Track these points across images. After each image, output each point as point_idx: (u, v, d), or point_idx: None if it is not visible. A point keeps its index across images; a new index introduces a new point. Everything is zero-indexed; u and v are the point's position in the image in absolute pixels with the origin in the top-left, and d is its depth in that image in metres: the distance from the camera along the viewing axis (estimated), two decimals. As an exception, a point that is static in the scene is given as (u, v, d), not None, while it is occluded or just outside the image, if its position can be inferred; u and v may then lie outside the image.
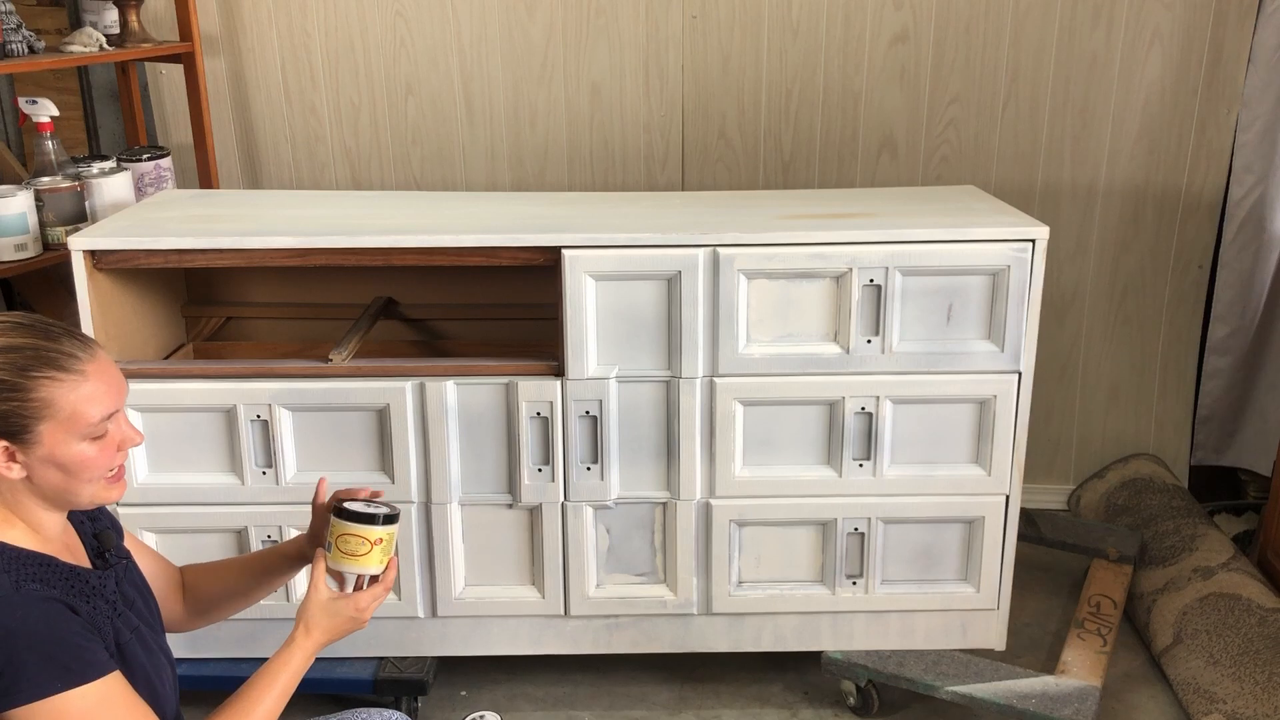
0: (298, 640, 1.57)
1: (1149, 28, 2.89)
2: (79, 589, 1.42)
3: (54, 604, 1.35)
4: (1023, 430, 2.27)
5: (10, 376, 1.34)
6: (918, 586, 2.38)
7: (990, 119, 2.98)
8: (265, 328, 2.63)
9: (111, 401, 1.41)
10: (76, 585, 1.42)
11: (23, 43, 2.52)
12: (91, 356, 1.40)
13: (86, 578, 1.44)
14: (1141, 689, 2.50)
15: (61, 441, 1.37)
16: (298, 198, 2.66)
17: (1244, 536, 3.03)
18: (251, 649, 2.36)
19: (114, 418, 1.42)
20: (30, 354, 1.36)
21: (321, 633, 1.59)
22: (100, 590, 1.45)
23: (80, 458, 1.38)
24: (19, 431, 1.35)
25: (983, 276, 2.19)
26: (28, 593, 1.34)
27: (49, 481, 1.39)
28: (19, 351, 1.35)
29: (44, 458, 1.37)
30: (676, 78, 2.99)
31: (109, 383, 1.41)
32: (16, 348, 1.36)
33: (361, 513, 1.58)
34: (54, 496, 1.41)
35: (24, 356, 1.35)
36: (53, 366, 1.36)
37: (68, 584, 1.41)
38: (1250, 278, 2.99)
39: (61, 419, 1.36)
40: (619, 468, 2.28)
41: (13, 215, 2.40)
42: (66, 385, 1.36)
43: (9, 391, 1.34)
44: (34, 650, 1.30)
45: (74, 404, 1.37)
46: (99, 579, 1.46)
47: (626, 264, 2.15)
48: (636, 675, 2.54)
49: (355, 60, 3.01)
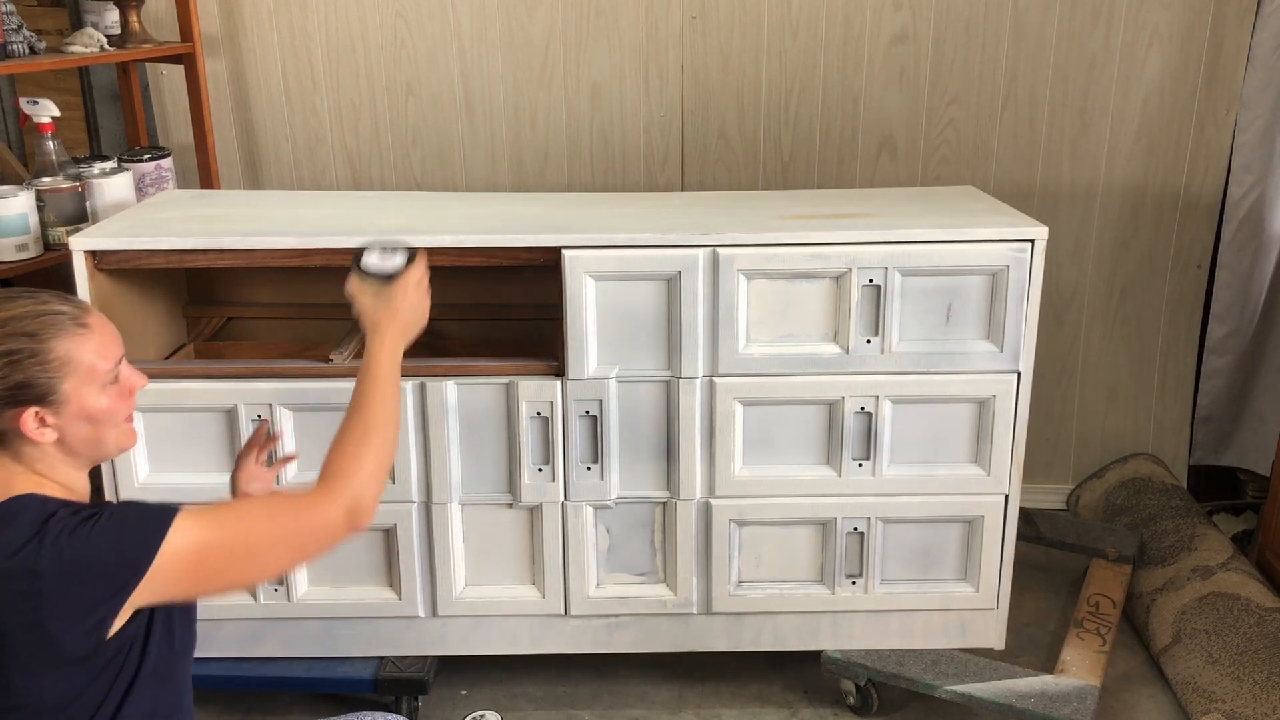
0: (371, 345, 1.65)
1: (1148, 28, 2.89)
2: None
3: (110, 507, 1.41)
4: (1022, 430, 2.27)
5: (23, 345, 1.39)
6: (917, 586, 2.38)
7: (989, 119, 2.99)
8: (266, 328, 2.63)
9: (117, 348, 1.48)
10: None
11: (24, 43, 2.53)
12: (86, 312, 1.47)
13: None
14: (1140, 688, 2.51)
15: (85, 394, 1.43)
16: (298, 198, 2.67)
17: (1243, 536, 3.04)
18: (252, 649, 2.37)
19: (121, 364, 1.49)
20: (33, 319, 1.41)
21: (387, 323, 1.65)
22: None
23: (105, 406, 1.45)
24: (46, 394, 1.40)
25: (982, 276, 2.19)
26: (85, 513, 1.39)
27: (80, 436, 1.45)
28: (21, 320, 1.40)
29: (73, 414, 1.42)
30: (676, 78, 2.99)
31: (110, 332, 1.48)
32: (18, 317, 1.40)
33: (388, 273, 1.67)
34: (84, 450, 1.47)
35: (29, 323, 1.40)
36: (60, 326, 1.42)
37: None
38: (1249, 278, 3.00)
39: (82, 373, 1.42)
40: (619, 468, 2.28)
41: (14, 215, 2.40)
42: (77, 340, 1.42)
43: (28, 358, 1.39)
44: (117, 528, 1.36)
45: (88, 357, 1.43)
46: None
47: (626, 264, 2.16)
48: (636, 675, 2.54)
49: (355, 61, 3.01)
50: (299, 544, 1.47)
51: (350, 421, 1.58)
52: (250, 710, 2.42)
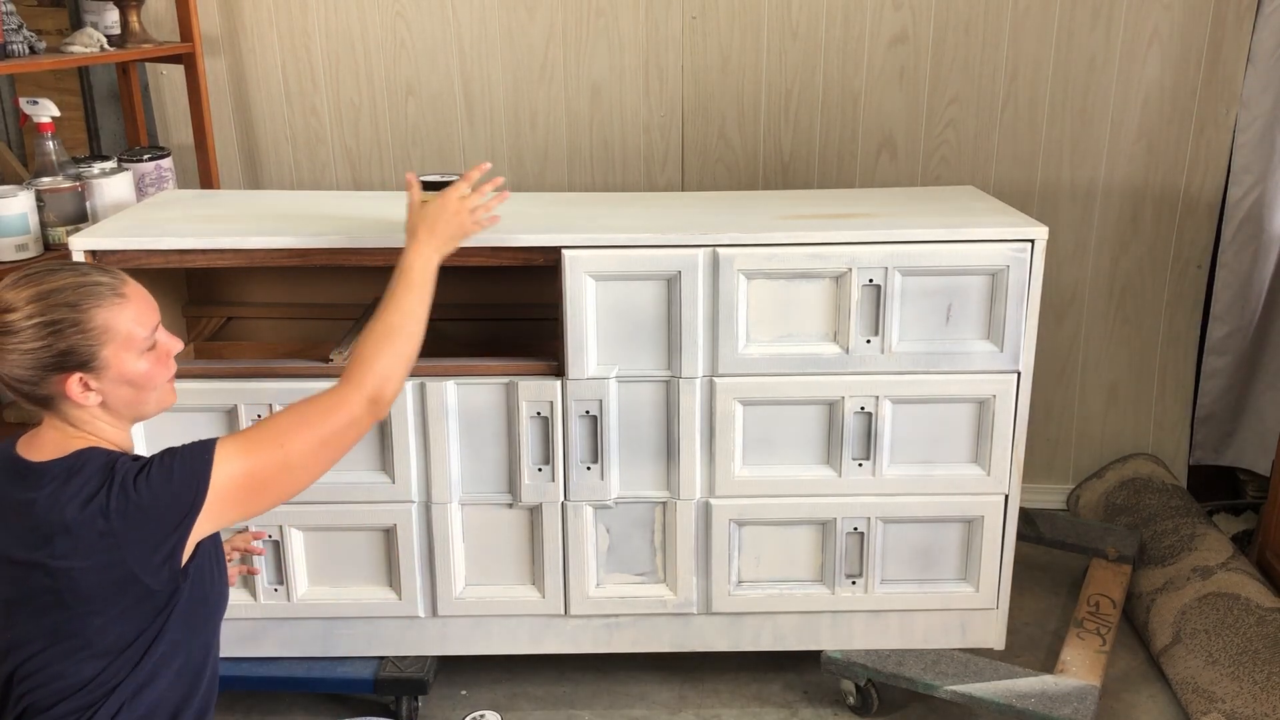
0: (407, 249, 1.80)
1: (1148, 28, 2.90)
2: None
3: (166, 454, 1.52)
4: (1022, 430, 2.27)
5: (66, 314, 1.47)
6: (917, 586, 2.38)
7: (989, 119, 2.99)
8: (266, 328, 2.63)
9: (153, 315, 1.56)
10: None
11: (24, 43, 2.53)
12: (124, 282, 1.54)
13: None
14: (1140, 688, 2.51)
15: (125, 360, 1.51)
16: (298, 198, 2.67)
17: (1243, 536, 3.04)
18: (251, 649, 2.37)
19: (157, 330, 1.56)
20: (74, 289, 1.49)
21: (423, 236, 1.82)
22: None
23: (145, 370, 1.54)
24: (88, 360, 1.49)
25: (982, 276, 2.19)
26: (141, 462, 1.50)
27: (122, 398, 1.53)
28: (63, 291, 1.48)
29: (115, 378, 1.51)
30: (676, 78, 2.99)
31: (146, 300, 1.56)
32: (60, 288, 1.48)
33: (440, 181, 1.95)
34: (127, 411, 1.56)
35: (71, 294, 1.48)
36: (98, 297, 1.50)
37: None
38: (1249, 278, 3.00)
39: (120, 340, 1.50)
40: (619, 467, 2.28)
41: (14, 215, 2.40)
42: (116, 309, 1.50)
43: (70, 326, 1.47)
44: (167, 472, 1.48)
45: (127, 324, 1.51)
46: None
47: (626, 264, 2.16)
48: (636, 675, 2.54)
49: (355, 60, 3.01)
50: (335, 443, 1.59)
51: (377, 319, 1.69)
52: (250, 710, 2.42)
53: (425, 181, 2.11)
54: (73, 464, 1.47)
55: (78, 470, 1.46)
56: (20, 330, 1.45)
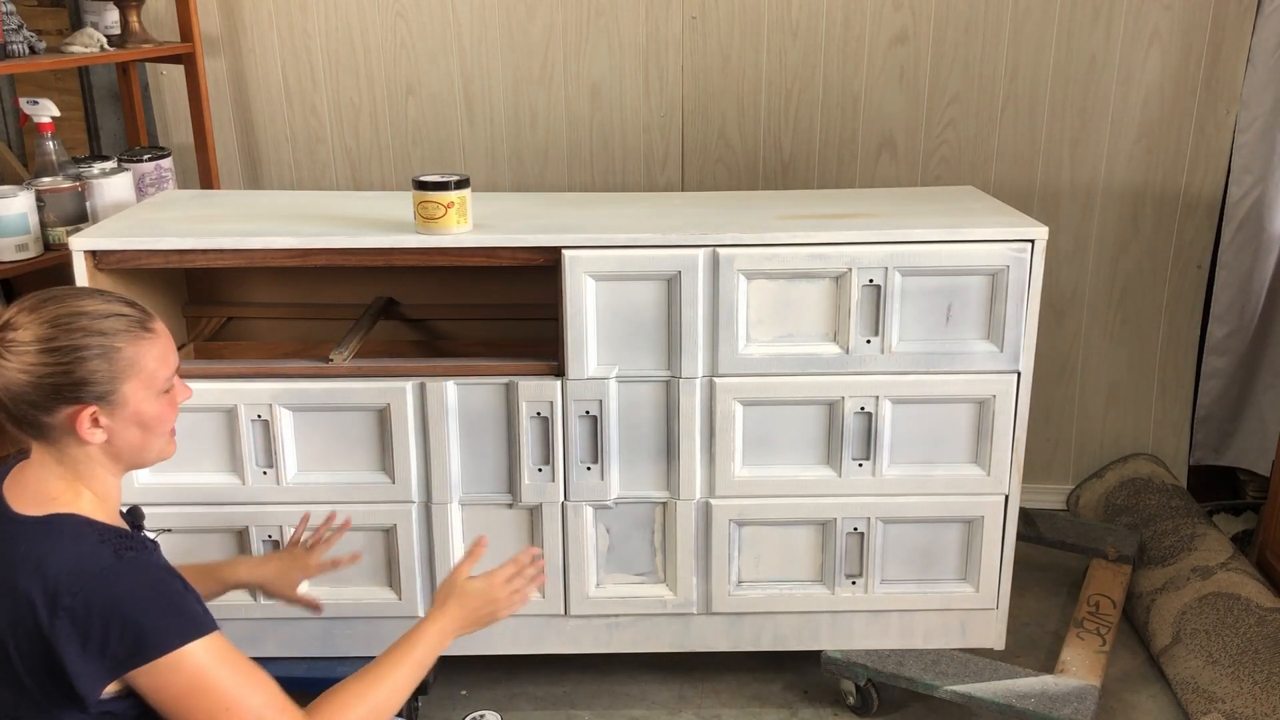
0: (427, 618, 1.70)
1: (1148, 28, 2.90)
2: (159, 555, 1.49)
3: (153, 568, 1.42)
4: (1022, 430, 2.27)
5: (93, 341, 1.40)
6: (917, 586, 2.38)
7: (989, 119, 2.99)
8: (266, 328, 2.63)
9: (174, 358, 1.51)
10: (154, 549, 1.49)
11: (24, 43, 2.53)
12: (150, 317, 1.49)
13: (147, 543, 1.51)
14: (1140, 688, 2.51)
15: (144, 399, 1.45)
16: (298, 198, 2.66)
17: (1243, 536, 3.04)
18: (252, 649, 2.36)
19: (176, 373, 1.51)
20: (108, 319, 1.43)
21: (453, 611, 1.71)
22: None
23: (158, 413, 1.47)
24: (107, 393, 1.42)
25: (982, 277, 2.19)
26: (129, 560, 1.40)
27: (128, 440, 1.46)
28: (92, 317, 1.42)
29: (129, 418, 1.44)
30: (676, 78, 2.99)
31: (169, 341, 1.51)
32: (89, 313, 1.42)
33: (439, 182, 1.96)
34: (128, 456, 1.48)
35: (104, 322, 1.42)
36: (130, 330, 1.44)
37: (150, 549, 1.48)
38: (1249, 278, 3.00)
39: (144, 377, 1.44)
40: (619, 468, 2.28)
41: (14, 215, 2.40)
42: (145, 344, 1.45)
43: (98, 355, 1.40)
44: (148, 611, 1.36)
45: (152, 362, 1.45)
46: (152, 543, 1.53)
47: (626, 264, 2.16)
48: (636, 675, 2.54)
49: (355, 60, 3.01)
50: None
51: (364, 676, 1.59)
52: (250, 710, 2.42)
53: (424, 181, 2.12)
54: (45, 530, 1.39)
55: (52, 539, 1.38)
56: (25, 353, 1.37)
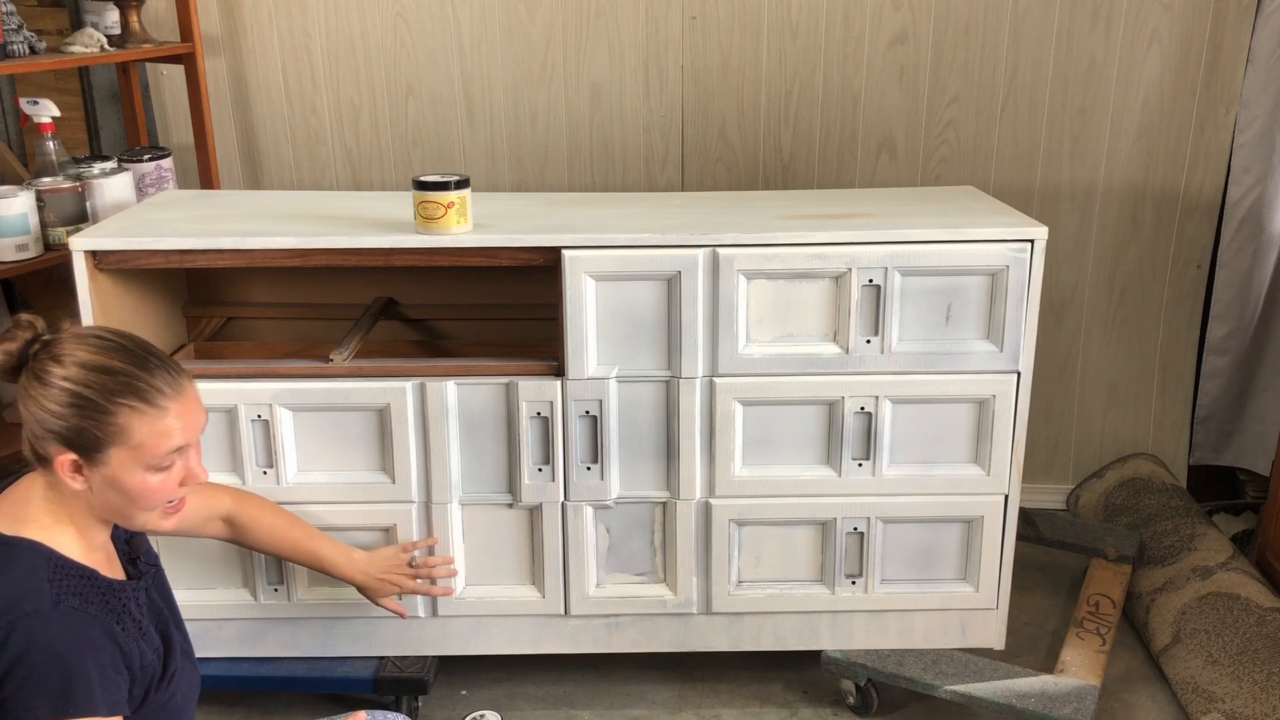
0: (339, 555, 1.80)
1: (1148, 28, 2.90)
2: (113, 606, 1.44)
3: (91, 626, 1.38)
4: (1021, 430, 2.27)
5: (96, 397, 1.38)
6: (917, 586, 2.38)
7: (989, 119, 2.99)
8: (266, 328, 2.63)
9: (184, 437, 1.44)
10: (111, 602, 1.44)
11: (24, 43, 2.53)
12: (178, 393, 1.44)
13: (119, 592, 1.47)
14: (1140, 688, 2.51)
15: (127, 469, 1.41)
16: (298, 198, 2.67)
17: (1243, 536, 3.04)
18: (252, 649, 2.37)
19: (183, 451, 1.45)
20: (123, 379, 1.40)
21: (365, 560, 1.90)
22: (130, 604, 1.48)
23: (142, 486, 1.42)
24: (91, 449, 1.39)
25: (982, 277, 2.19)
26: (65, 609, 1.37)
27: (107, 501, 1.43)
28: (112, 375, 1.39)
29: (108, 479, 1.41)
30: (676, 78, 2.99)
31: (186, 420, 1.45)
32: (111, 370, 1.40)
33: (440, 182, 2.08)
34: (108, 514, 1.45)
35: (115, 380, 1.39)
36: (137, 396, 1.40)
37: (103, 600, 1.43)
38: (1249, 278, 3.00)
39: (131, 447, 1.40)
40: (619, 467, 2.28)
41: (14, 215, 2.40)
42: (146, 417, 1.40)
43: (92, 411, 1.38)
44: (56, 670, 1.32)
45: (146, 435, 1.40)
46: (132, 591, 1.49)
47: (626, 264, 2.16)
48: (636, 675, 2.54)
49: (356, 61, 3.01)
50: None
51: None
52: (250, 710, 2.42)
53: (424, 181, 2.13)
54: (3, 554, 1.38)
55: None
56: (52, 386, 1.38)
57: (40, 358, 1.40)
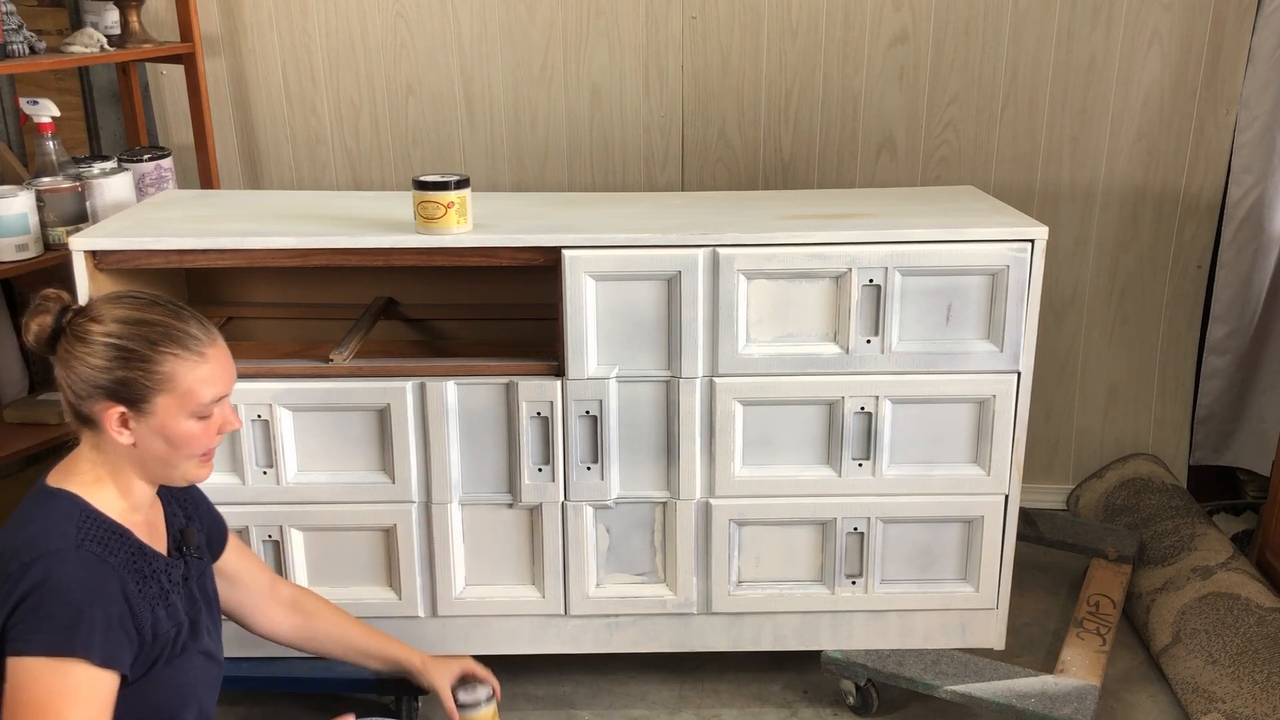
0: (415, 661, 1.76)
1: (1148, 28, 2.90)
2: (139, 566, 1.49)
3: (105, 574, 1.43)
4: (1022, 430, 2.27)
5: (140, 348, 1.45)
6: (917, 586, 2.38)
7: (989, 120, 2.99)
8: (266, 328, 2.63)
9: (223, 386, 1.52)
10: (138, 562, 1.49)
11: (24, 43, 2.53)
12: (212, 342, 1.52)
13: (151, 559, 1.52)
14: (1140, 688, 2.51)
15: (173, 415, 1.47)
16: (298, 198, 2.67)
17: (1243, 536, 3.04)
18: (252, 649, 2.36)
19: (221, 401, 1.52)
20: (161, 330, 1.47)
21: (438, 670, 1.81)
22: (161, 574, 1.52)
23: (187, 433, 1.49)
24: (138, 400, 1.46)
25: (982, 276, 2.19)
26: (85, 553, 1.42)
27: (153, 451, 1.49)
28: (151, 326, 1.47)
29: (155, 428, 1.47)
30: (676, 78, 2.99)
31: (223, 368, 1.53)
32: (150, 322, 1.47)
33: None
34: (153, 466, 1.51)
35: (155, 331, 1.46)
36: (179, 345, 1.47)
37: (129, 557, 1.48)
38: (1249, 278, 3.00)
39: (178, 394, 1.47)
40: (619, 467, 2.28)
41: (14, 215, 2.41)
42: (189, 364, 1.47)
43: (137, 361, 1.45)
44: (61, 610, 1.37)
45: (191, 382, 1.48)
46: (166, 565, 1.54)
47: (627, 264, 2.16)
48: (636, 675, 2.54)
49: (356, 61, 3.01)
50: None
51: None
52: (251, 710, 2.42)
53: (424, 181, 2.13)
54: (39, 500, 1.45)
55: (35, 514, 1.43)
56: (94, 343, 1.44)
57: (77, 322, 1.47)
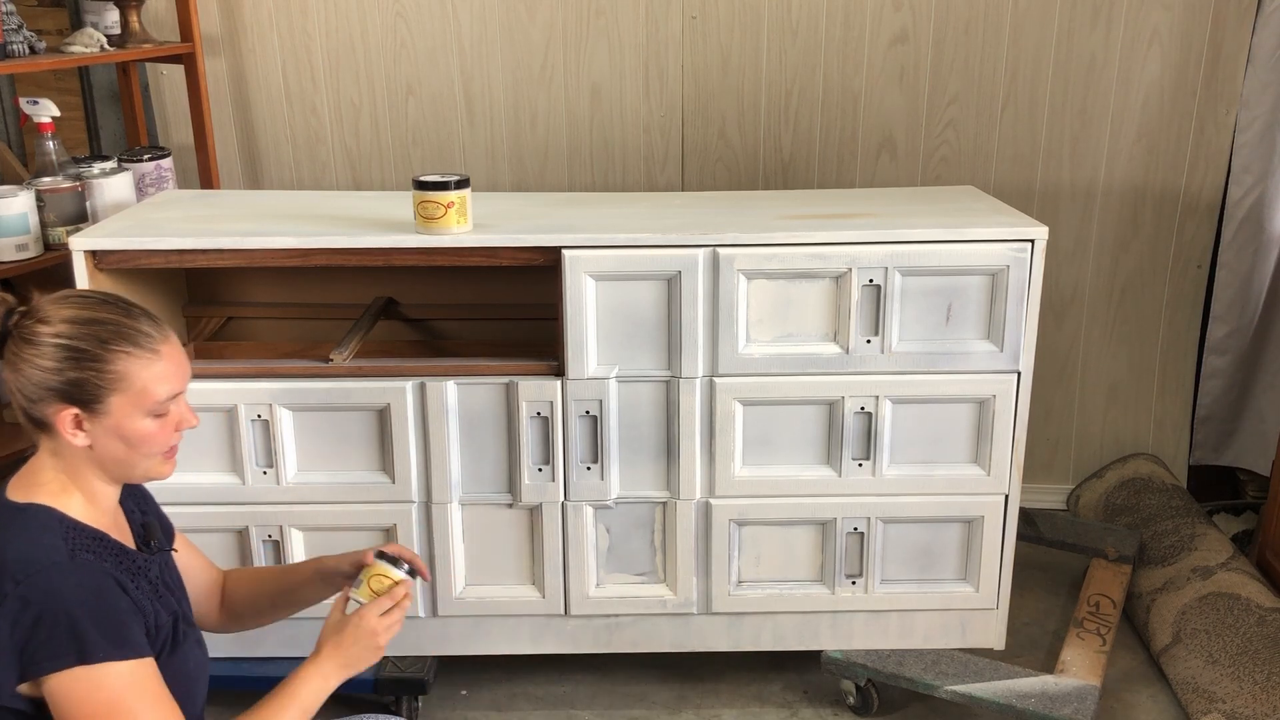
0: (307, 665, 1.62)
1: (1148, 28, 2.90)
2: (126, 566, 1.48)
3: (105, 576, 1.42)
4: (1022, 430, 2.27)
5: (91, 347, 1.42)
6: (917, 586, 2.38)
7: (989, 120, 2.99)
8: (266, 328, 2.63)
9: (177, 382, 1.49)
10: (124, 562, 1.48)
11: (24, 43, 2.53)
12: (165, 338, 1.48)
13: (133, 558, 1.51)
14: (1140, 688, 2.51)
15: (128, 415, 1.44)
16: (298, 198, 2.67)
17: (1243, 536, 3.04)
18: (252, 649, 2.37)
19: (176, 399, 1.50)
20: (112, 328, 1.44)
21: (332, 650, 1.63)
22: (144, 571, 1.52)
23: (143, 432, 1.46)
24: (91, 400, 1.42)
25: (982, 276, 2.19)
26: (82, 562, 1.41)
27: (110, 452, 1.46)
28: (101, 324, 1.43)
29: (110, 429, 1.44)
30: (676, 78, 2.99)
31: (177, 364, 1.49)
32: (100, 321, 1.44)
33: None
34: (113, 468, 1.48)
35: (106, 330, 1.43)
36: (131, 343, 1.44)
37: (117, 560, 1.47)
38: (1249, 278, 3.00)
39: (132, 393, 1.44)
40: (619, 467, 2.28)
41: (14, 215, 2.40)
42: (142, 361, 1.44)
43: (89, 361, 1.41)
44: (82, 617, 1.36)
45: (145, 380, 1.44)
46: (144, 561, 1.53)
47: (627, 264, 2.16)
48: (636, 675, 2.54)
49: (356, 61, 3.01)
50: None
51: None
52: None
53: (424, 181, 2.13)
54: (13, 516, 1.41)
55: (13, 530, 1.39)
56: (43, 345, 1.41)
57: (23, 324, 1.43)
